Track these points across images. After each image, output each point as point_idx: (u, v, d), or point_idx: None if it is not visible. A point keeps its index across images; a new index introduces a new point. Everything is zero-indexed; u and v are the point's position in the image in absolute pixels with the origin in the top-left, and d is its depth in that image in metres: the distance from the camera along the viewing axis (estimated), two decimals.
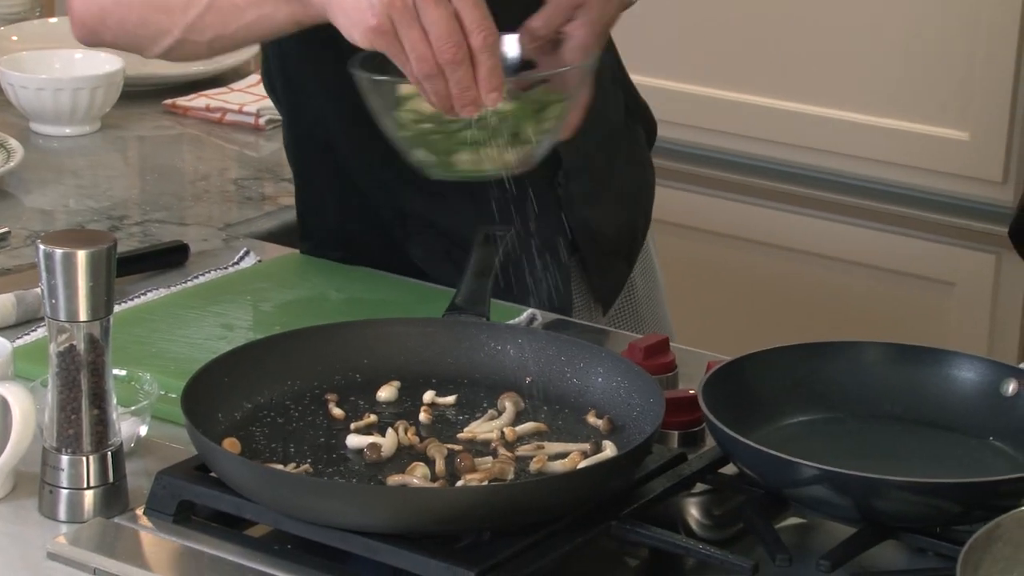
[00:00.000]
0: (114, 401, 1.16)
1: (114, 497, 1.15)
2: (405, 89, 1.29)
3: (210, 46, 1.39)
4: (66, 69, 2.00)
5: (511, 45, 1.39)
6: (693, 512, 1.18)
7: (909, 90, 2.39)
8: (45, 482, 1.15)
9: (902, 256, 2.45)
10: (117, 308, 1.45)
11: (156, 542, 1.12)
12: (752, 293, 2.53)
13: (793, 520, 1.16)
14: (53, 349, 1.14)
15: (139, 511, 1.15)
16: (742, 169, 2.52)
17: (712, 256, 2.54)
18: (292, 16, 1.31)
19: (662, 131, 1.71)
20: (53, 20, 2.27)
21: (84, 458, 1.14)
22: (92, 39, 1.46)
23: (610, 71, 1.58)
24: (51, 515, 1.15)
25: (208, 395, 1.18)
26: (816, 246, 2.50)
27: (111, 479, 1.15)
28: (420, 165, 1.33)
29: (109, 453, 1.15)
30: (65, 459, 1.14)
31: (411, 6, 1.20)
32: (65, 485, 1.14)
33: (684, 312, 1.80)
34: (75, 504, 1.14)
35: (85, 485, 1.14)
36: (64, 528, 1.14)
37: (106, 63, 1.99)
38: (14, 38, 2.21)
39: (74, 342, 1.13)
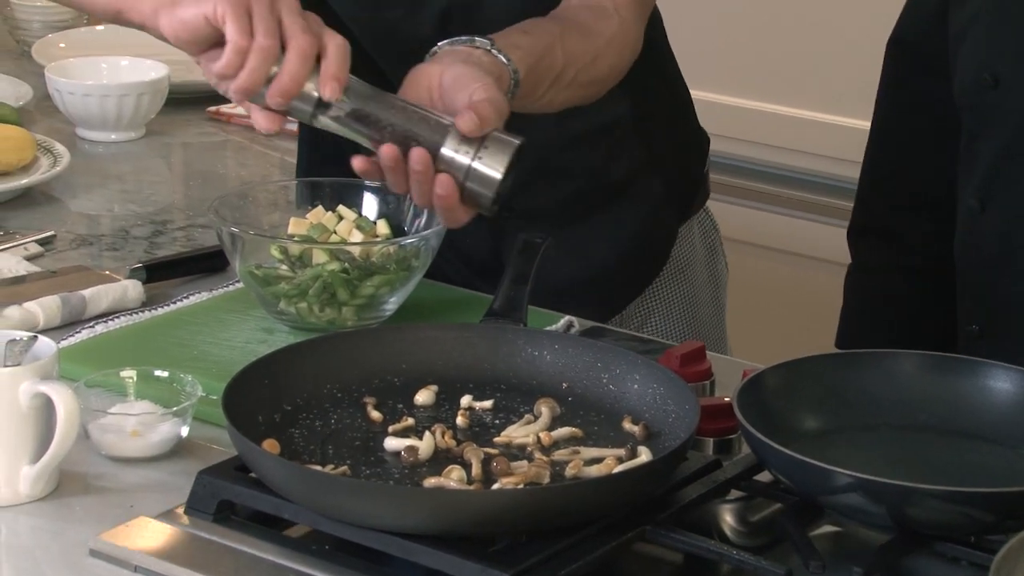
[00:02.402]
0: None
1: None
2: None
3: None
4: (112, 76, 2.02)
5: (370, 202, 1.50)
6: (727, 518, 1.19)
7: None
8: None
9: None
10: (160, 311, 1.48)
11: (196, 541, 1.13)
12: (788, 303, 2.53)
13: (827, 528, 1.17)
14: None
15: (180, 510, 1.16)
16: (777, 180, 2.52)
17: (747, 266, 2.54)
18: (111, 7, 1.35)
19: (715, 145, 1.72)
20: (100, 28, 2.30)
21: None
22: None
23: (630, 123, 1.59)
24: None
25: (248, 397, 1.19)
26: (829, 253, 2.50)
27: None
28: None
29: None
30: None
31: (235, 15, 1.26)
32: None
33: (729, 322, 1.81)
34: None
35: None
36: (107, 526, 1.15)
37: (151, 70, 2.02)
38: (61, 45, 2.24)
39: None
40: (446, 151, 1.29)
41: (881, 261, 1.58)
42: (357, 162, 1.30)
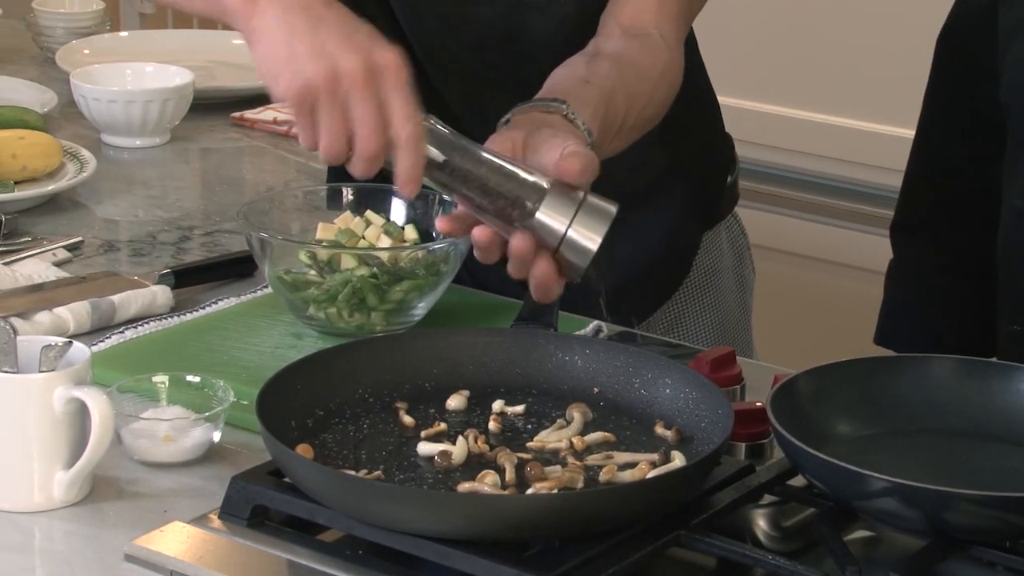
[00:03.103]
0: None
1: None
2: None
3: None
4: (137, 82, 2.03)
5: (398, 207, 1.48)
6: (760, 523, 1.19)
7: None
8: None
9: None
10: (189, 316, 1.49)
11: (230, 545, 1.13)
12: (812, 308, 2.53)
13: (860, 533, 1.17)
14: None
15: (213, 515, 1.16)
16: (803, 186, 2.52)
17: (773, 271, 2.54)
18: (206, 10, 1.29)
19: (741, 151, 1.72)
20: (123, 34, 2.31)
21: None
22: None
23: (656, 133, 1.58)
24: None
25: (281, 402, 1.19)
26: (873, 263, 2.50)
27: None
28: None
29: None
30: None
31: (339, 93, 1.19)
32: None
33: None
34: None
35: None
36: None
37: (176, 76, 2.02)
38: (86, 51, 2.24)
39: None
40: (541, 216, 1.22)
41: (922, 259, 1.58)
42: (442, 224, 1.25)
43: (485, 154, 1.24)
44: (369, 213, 1.49)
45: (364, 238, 1.47)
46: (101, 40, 2.30)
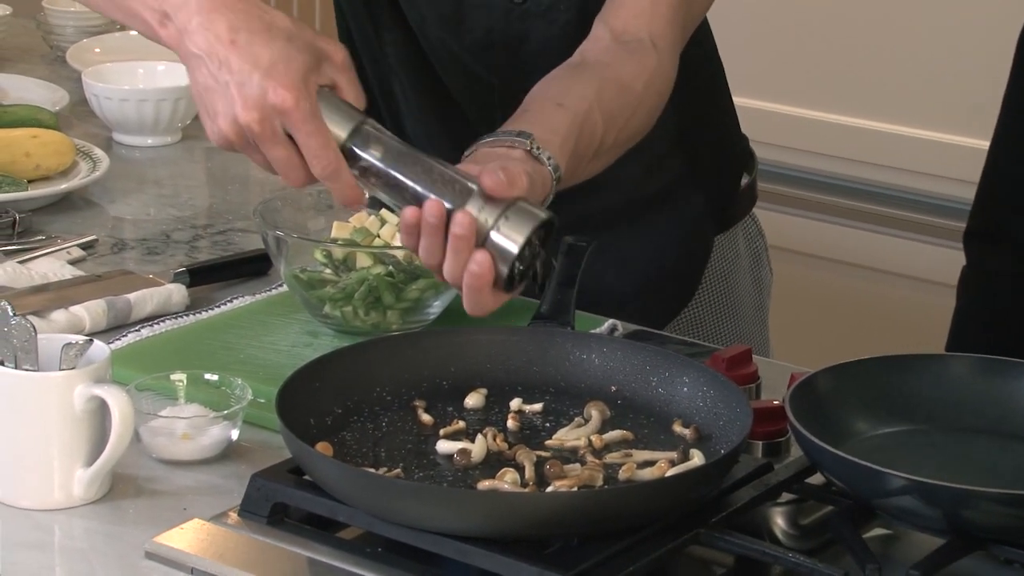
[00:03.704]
0: None
1: None
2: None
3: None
4: (149, 80, 2.03)
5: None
6: (778, 521, 1.19)
7: (976, 106, 2.39)
8: None
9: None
10: (204, 315, 1.49)
11: (251, 543, 1.14)
12: (828, 309, 2.53)
13: (877, 531, 1.17)
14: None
15: (233, 512, 1.17)
16: (821, 188, 2.53)
17: (787, 273, 2.55)
18: (148, 32, 1.31)
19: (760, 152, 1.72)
20: (133, 33, 2.30)
21: None
22: None
23: (673, 134, 1.57)
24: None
25: (300, 400, 1.19)
26: (870, 259, 2.51)
27: None
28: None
29: None
30: None
31: (251, 143, 1.24)
32: None
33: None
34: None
35: None
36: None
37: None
38: (96, 50, 2.24)
39: None
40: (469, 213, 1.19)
41: (995, 265, 1.57)
42: (409, 212, 1.24)
43: (424, 160, 1.24)
44: (384, 212, 1.49)
45: (379, 237, 1.47)
46: (112, 39, 2.30)
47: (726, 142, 1.67)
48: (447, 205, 1.21)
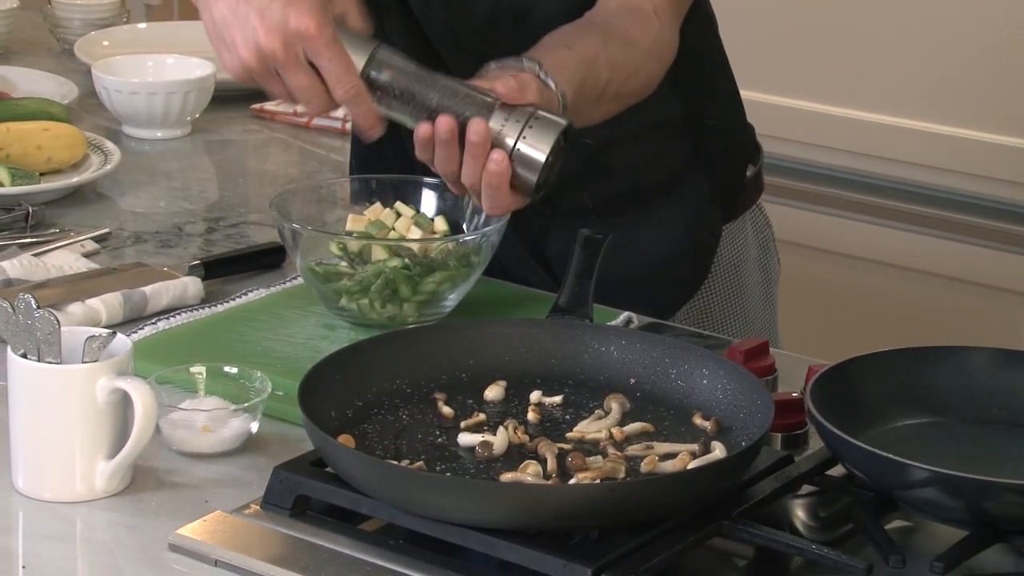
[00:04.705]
0: None
1: None
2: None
3: None
4: (159, 73, 2.03)
5: (428, 199, 1.49)
6: (799, 513, 1.19)
7: (987, 99, 2.40)
8: None
9: (971, 265, 2.45)
10: (220, 308, 1.49)
11: (274, 535, 1.14)
12: (836, 303, 2.54)
13: (898, 523, 1.17)
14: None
15: (255, 505, 1.17)
16: (827, 181, 2.53)
17: (794, 266, 2.55)
18: None
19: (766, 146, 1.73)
20: (142, 26, 2.31)
21: None
22: None
23: (679, 123, 1.59)
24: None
25: (321, 393, 1.20)
26: (876, 253, 2.51)
27: None
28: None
29: None
30: None
31: (272, 70, 1.28)
32: None
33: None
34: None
35: None
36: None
37: (197, 68, 2.02)
38: (105, 43, 2.24)
39: None
40: (491, 127, 1.28)
41: None
42: (423, 128, 1.30)
43: (441, 79, 1.31)
44: (399, 204, 1.49)
45: (394, 229, 1.47)
46: (120, 32, 2.30)
47: (731, 130, 1.68)
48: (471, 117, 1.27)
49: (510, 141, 1.28)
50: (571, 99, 1.34)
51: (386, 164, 1.60)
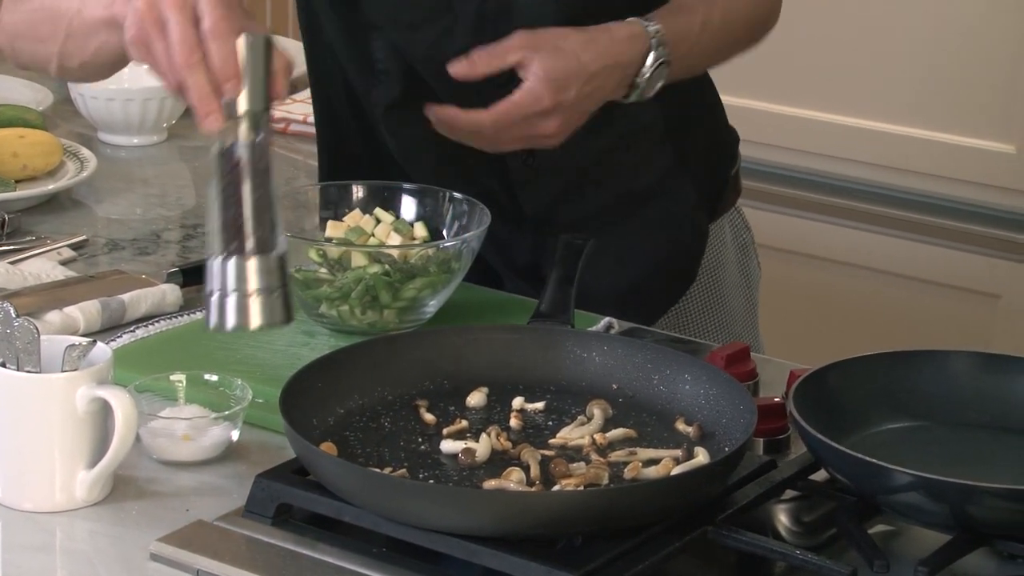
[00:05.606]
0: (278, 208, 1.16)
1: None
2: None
3: (83, 70, 1.43)
4: (135, 80, 2.01)
5: (407, 205, 1.47)
6: (783, 519, 1.19)
7: (957, 103, 2.41)
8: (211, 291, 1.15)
9: (946, 268, 2.46)
10: (199, 315, 1.47)
11: (256, 544, 1.13)
12: (817, 307, 2.54)
13: (881, 527, 1.17)
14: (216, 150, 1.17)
15: (236, 513, 1.16)
16: (805, 185, 2.53)
17: (774, 270, 2.56)
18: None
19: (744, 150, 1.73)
20: None
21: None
22: (13, 61, 1.51)
23: (660, 128, 1.59)
24: (220, 325, 1.16)
25: (303, 400, 1.19)
26: (854, 257, 2.52)
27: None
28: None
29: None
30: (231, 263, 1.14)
31: (157, 18, 1.20)
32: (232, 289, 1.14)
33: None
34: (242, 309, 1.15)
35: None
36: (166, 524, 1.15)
37: None
38: None
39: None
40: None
41: None
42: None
43: (270, 192, 1.21)
44: (378, 211, 1.49)
45: (374, 236, 1.47)
46: None
47: (715, 134, 1.68)
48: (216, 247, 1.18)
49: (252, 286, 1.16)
50: (667, 35, 1.40)
51: (356, 174, 1.58)
